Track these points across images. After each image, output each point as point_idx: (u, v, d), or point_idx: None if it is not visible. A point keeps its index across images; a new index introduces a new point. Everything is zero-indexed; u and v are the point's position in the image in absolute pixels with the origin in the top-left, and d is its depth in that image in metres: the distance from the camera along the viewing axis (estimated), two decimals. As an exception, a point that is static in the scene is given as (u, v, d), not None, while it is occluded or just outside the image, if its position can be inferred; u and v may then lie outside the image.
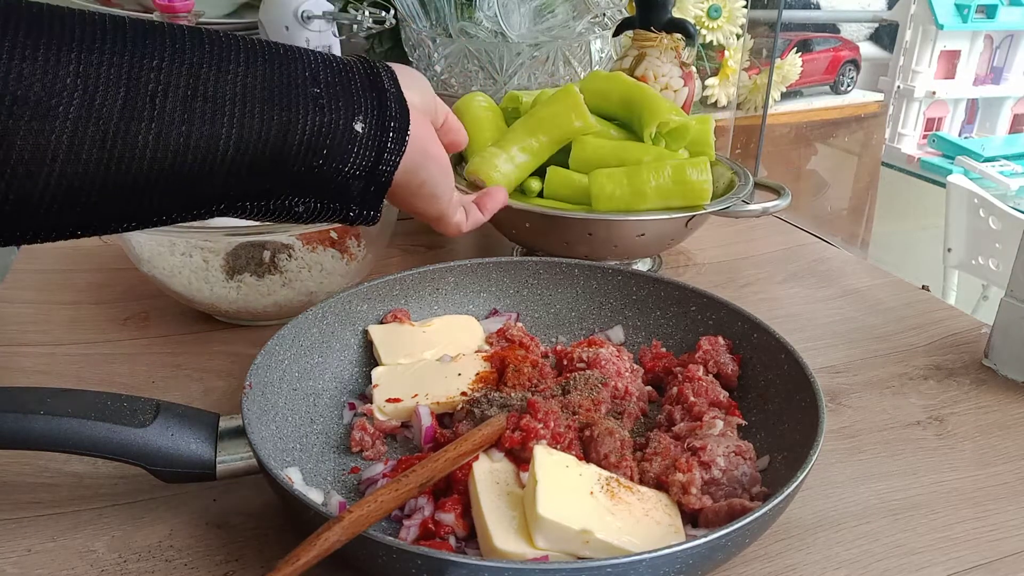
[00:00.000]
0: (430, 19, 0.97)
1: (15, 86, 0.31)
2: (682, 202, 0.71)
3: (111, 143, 0.34)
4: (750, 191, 0.76)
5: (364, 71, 0.43)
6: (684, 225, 0.72)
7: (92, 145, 0.34)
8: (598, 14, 0.98)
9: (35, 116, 0.32)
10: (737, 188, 0.76)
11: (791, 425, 0.49)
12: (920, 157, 2.31)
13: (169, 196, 0.38)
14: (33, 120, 0.32)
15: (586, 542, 0.40)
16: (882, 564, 0.45)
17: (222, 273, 0.64)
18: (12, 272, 0.78)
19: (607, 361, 0.56)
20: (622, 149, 0.74)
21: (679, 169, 0.70)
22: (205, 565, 0.43)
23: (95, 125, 0.34)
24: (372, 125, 0.42)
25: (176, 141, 0.36)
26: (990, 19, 2.36)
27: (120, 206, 0.37)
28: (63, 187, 0.34)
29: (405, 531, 0.44)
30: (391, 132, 0.43)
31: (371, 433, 0.52)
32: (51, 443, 0.42)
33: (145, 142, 0.35)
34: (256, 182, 0.40)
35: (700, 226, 0.76)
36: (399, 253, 0.85)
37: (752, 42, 1.37)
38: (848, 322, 0.73)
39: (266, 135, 0.38)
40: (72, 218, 0.36)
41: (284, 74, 0.39)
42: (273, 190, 0.41)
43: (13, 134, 0.32)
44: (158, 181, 0.36)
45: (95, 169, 0.34)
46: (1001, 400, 0.61)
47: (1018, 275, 0.62)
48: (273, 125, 0.38)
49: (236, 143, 0.37)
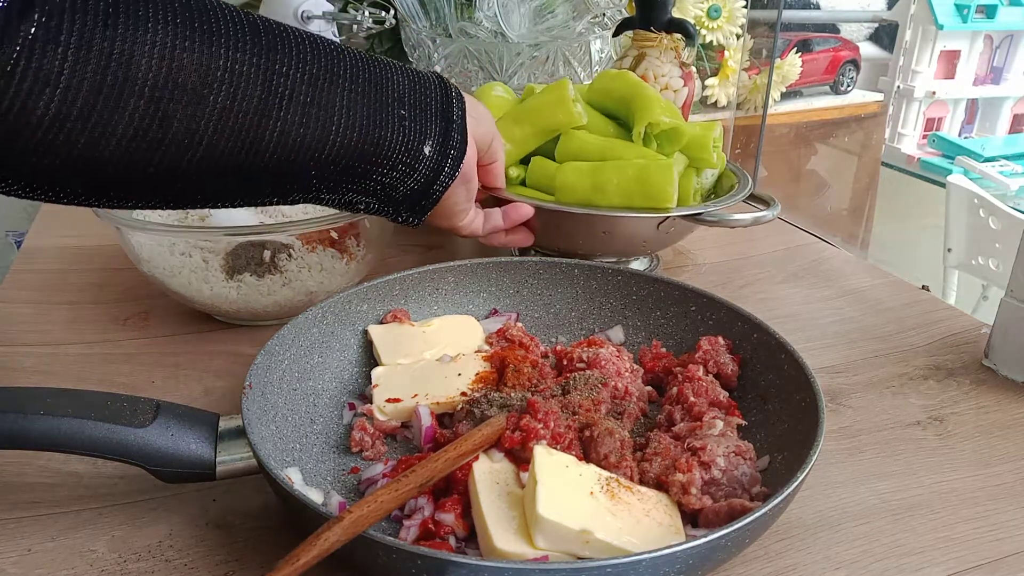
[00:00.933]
0: (430, 19, 0.97)
1: (176, 74, 0.36)
2: (643, 203, 0.70)
3: (245, 133, 0.39)
4: (729, 201, 0.74)
5: (440, 96, 0.49)
6: (655, 227, 0.72)
7: (231, 133, 0.39)
8: (598, 14, 0.98)
9: (191, 102, 0.37)
10: (726, 196, 0.76)
11: (791, 425, 0.49)
12: (920, 157, 2.31)
13: (274, 184, 0.43)
14: (189, 106, 0.37)
15: (586, 542, 0.40)
16: (882, 564, 0.45)
17: (222, 273, 0.64)
18: (12, 272, 0.78)
19: (607, 361, 0.56)
20: (608, 146, 0.74)
21: (642, 169, 0.70)
22: (205, 565, 0.43)
23: (235, 117, 0.38)
24: (437, 150, 0.49)
25: (293, 140, 0.41)
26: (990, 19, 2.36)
27: (238, 186, 0.42)
28: (204, 164, 0.39)
29: (405, 531, 0.44)
30: (449, 159, 0.50)
31: (371, 433, 0.52)
32: (51, 443, 0.42)
33: (271, 137, 0.40)
34: (341, 181, 0.46)
35: (680, 230, 0.74)
36: (399, 253, 0.85)
37: (752, 42, 1.37)
38: (848, 322, 0.73)
39: (360, 145, 0.45)
40: (201, 191, 0.41)
41: (380, 92, 0.45)
42: (349, 188, 0.47)
43: (172, 116, 0.36)
44: (272, 171, 0.42)
45: (229, 153, 0.39)
46: (1001, 400, 0.61)
47: (1018, 275, 0.62)
48: (367, 138, 0.45)
49: (338, 149, 0.44)
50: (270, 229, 0.63)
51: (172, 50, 0.35)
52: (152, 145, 0.36)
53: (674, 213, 0.70)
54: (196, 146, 0.38)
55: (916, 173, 2.29)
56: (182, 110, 0.36)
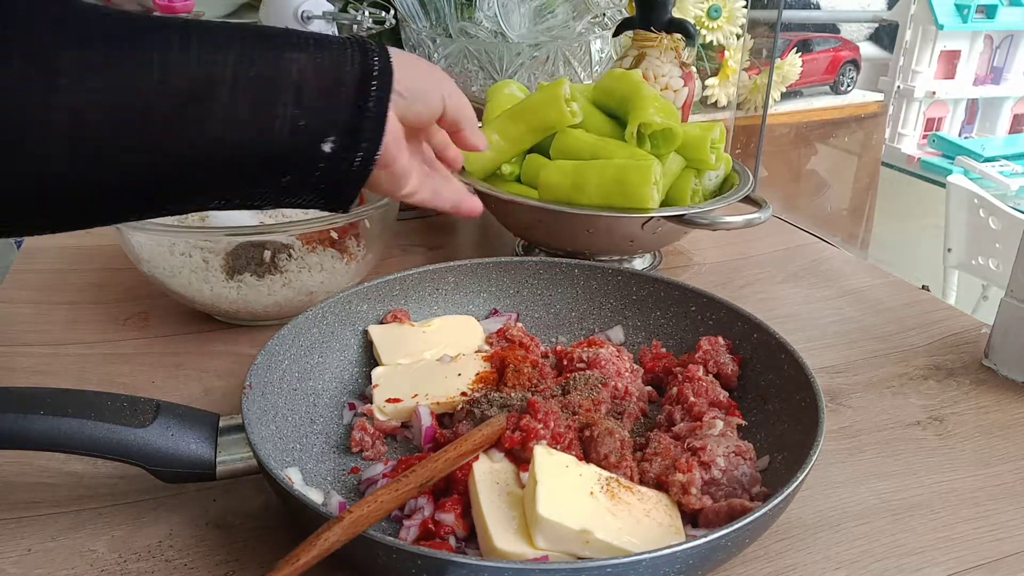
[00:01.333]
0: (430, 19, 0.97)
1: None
2: (622, 202, 0.71)
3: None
4: (719, 203, 0.74)
5: (355, 75, 0.42)
6: (640, 227, 0.72)
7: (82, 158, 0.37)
8: (598, 14, 0.98)
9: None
10: (715, 198, 0.76)
11: (791, 425, 0.49)
12: (920, 157, 2.31)
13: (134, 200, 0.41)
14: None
15: (586, 542, 0.40)
16: (882, 564, 0.45)
17: (222, 273, 0.64)
18: (12, 272, 0.78)
19: (607, 361, 0.56)
20: (600, 144, 0.75)
21: (621, 170, 0.71)
22: (205, 565, 0.43)
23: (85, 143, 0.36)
24: (340, 145, 0.42)
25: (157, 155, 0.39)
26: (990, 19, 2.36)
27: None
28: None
29: (405, 531, 0.44)
30: (361, 152, 0.43)
31: (371, 433, 0.52)
32: (51, 443, 0.42)
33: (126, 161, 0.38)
34: (225, 191, 0.43)
35: (671, 231, 0.74)
36: (399, 253, 0.85)
37: (752, 42, 1.37)
38: (848, 322, 0.73)
39: (242, 154, 0.40)
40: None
41: (268, 87, 0.40)
42: (239, 196, 0.44)
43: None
44: (128, 188, 0.39)
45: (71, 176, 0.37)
46: (1001, 400, 0.61)
47: (1018, 275, 0.62)
48: (250, 145, 0.41)
49: (214, 159, 0.40)
50: (270, 229, 0.63)
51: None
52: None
53: (657, 214, 0.70)
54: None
55: (916, 173, 2.29)
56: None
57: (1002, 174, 2.09)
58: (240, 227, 0.63)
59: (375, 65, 0.43)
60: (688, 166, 0.77)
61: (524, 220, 0.76)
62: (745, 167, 0.82)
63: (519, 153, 0.79)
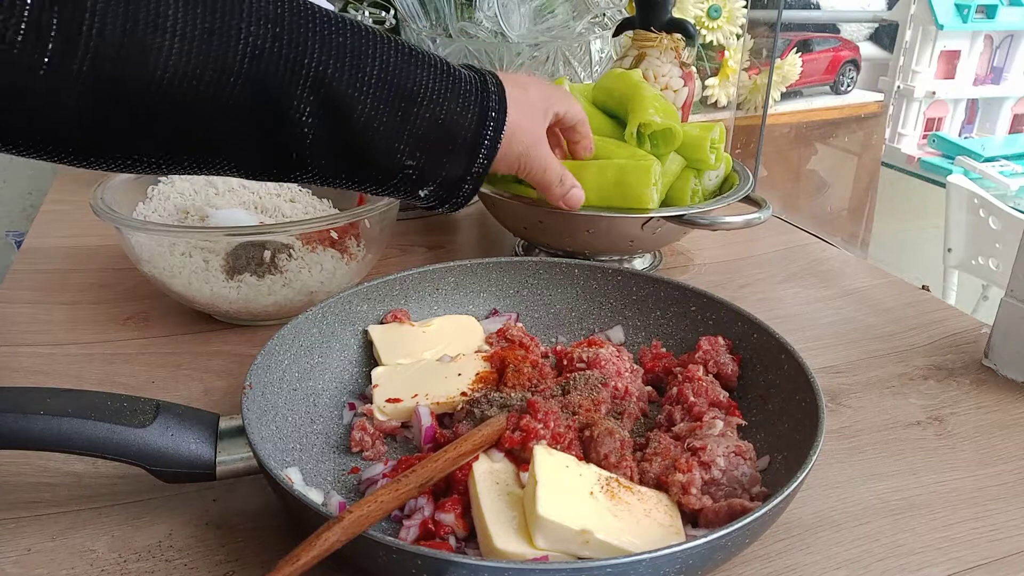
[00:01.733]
0: (430, 19, 0.97)
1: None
2: (622, 203, 0.71)
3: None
4: (717, 203, 0.74)
5: (473, 124, 0.50)
6: (640, 228, 0.72)
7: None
8: (598, 14, 0.98)
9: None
10: (715, 198, 0.76)
11: (791, 425, 0.49)
12: (920, 157, 2.31)
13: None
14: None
15: (586, 542, 0.40)
16: (882, 564, 0.45)
17: (222, 273, 0.64)
18: (12, 272, 0.78)
19: (607, 361, 0.56)
20: (600, 145, 0.75)
21: (620, 171, 0.71)
22: (205, 565, 0.43)
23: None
24: (438, 189, 0.52)
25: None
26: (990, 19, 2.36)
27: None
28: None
29: (405, 531, 0.44)
30: (464, 189, 0.53)
31: (371, 433, 0.52)
32: (51, 443, 0.42)
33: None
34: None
35: (671, 231, 0.74)
36: (399, 253, 0.85)
37: (752, 42, 1.37)
38: (848, 322, 0.73)
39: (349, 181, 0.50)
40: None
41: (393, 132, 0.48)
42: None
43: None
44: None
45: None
46: (1001, 400, 0.61)
47: (1018, 275, 0.62)
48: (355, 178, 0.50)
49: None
50: (270, 229, 0.63)
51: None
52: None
53: (656, 214, 0.71)
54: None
55: (916, 173, 2.29)
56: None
57: (1002, 174, 2.09)
58: (240, 227, 0.63)
59: (489, 104, 0.51)
60: (688, 166, 0.77)
61: (524, 220, 0.76)
62: (745, 167, 0.82)
63: None
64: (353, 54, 0.44)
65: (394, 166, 0.48)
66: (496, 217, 0.81)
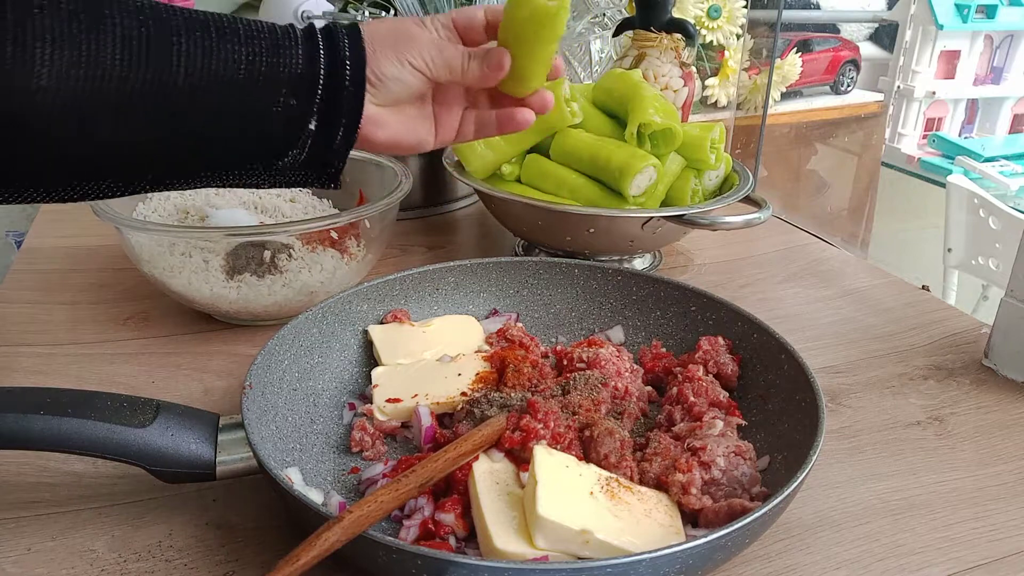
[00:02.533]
0: (430, 19, 0.97)
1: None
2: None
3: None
4: (717, 203, 0.75)
5: (324, 65, 0.46)
6: (640, 227, 0.72)
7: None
8: (598, 14, 0.98)
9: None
10: (715, 198, 0.76)
11: (791, 425, 0.49)
12: (920, 157, 2.31)
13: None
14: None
15: (586, 542, 0.40)
16: (882, 564, 0.45)
17: (222, 273, 0.64)
18: (12, 272, 0.78)
19: (607, 361, 0.56)
20: (599, 145, 0.75)
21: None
22: (205, 565, 0.43)
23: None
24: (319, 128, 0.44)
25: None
26: (990, 19, 2.36)
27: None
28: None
29: (405, 531, 0.44)
30: (339, 134, 0.44)
31: (371, 433, 0.52)
32: (51, 443, 0.42)
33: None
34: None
35: (671, 231, 0.74)
36: (399, 253, 0.85)
37: (752, 42, 1.37)
38: (848, 322, 0.73)
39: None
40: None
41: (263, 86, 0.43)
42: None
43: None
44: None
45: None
46: (1001, 400, 0.61)
47: (1018, 275, 0.62)
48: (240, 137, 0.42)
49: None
50: (270, 229, 0.63)
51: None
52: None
53: (656, 214, 0.71)
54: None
55: (916, 173, 2.29)
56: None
57: (1002, 174, 2.09)
58: (240, 227, 0.63)
59: (339, 52, 0.47)
60: (688, 166, 0.77)
61: (524, 220, 0.77)
62: (745, 167, 0.82)
63: (519, 153, 0.79)
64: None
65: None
66: (496, 217, 0.81)
